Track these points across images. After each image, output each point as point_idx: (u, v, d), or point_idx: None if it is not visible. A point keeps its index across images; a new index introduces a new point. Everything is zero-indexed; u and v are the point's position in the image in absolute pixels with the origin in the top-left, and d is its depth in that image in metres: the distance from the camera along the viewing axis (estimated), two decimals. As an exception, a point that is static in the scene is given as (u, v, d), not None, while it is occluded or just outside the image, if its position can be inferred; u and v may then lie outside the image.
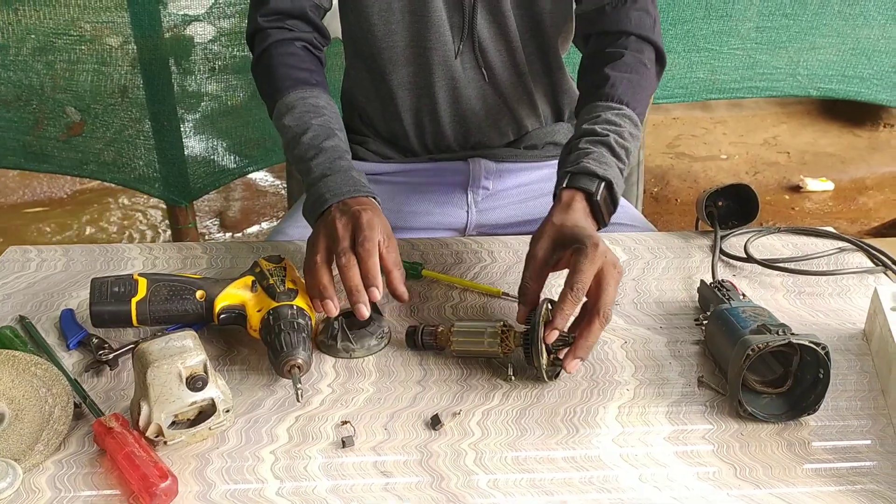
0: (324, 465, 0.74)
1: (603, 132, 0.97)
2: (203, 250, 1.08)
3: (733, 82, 2.23)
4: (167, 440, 0.74)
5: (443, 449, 0.76)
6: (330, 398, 0.82)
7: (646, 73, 1.07)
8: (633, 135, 1.00)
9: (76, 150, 2.02)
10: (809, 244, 1.10)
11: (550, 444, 0.76)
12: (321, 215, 0.93)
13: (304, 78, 1.08)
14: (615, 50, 1.07)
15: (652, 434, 0.78)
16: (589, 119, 1.01)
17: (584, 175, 0.93)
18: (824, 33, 2.17)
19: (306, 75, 1.08)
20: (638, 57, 1.07)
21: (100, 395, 0.82)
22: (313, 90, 1.07)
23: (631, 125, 1.00)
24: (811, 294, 1.00)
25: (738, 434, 0.77)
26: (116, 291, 0.87)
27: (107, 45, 1.88)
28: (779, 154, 3.34)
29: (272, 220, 2.87)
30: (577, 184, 0.92)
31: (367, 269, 0.86)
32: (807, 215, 2.92)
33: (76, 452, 0.75)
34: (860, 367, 0.87)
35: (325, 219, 0.92)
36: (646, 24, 1.09)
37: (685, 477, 0.73)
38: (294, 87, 1.06)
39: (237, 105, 2.04)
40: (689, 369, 0.86)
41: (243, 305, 0.88)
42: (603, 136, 0.97)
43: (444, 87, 1.18)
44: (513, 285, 1.00)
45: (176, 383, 0.73)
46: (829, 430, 0.78)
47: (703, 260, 1.07)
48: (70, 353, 0.89)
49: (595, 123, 0.99)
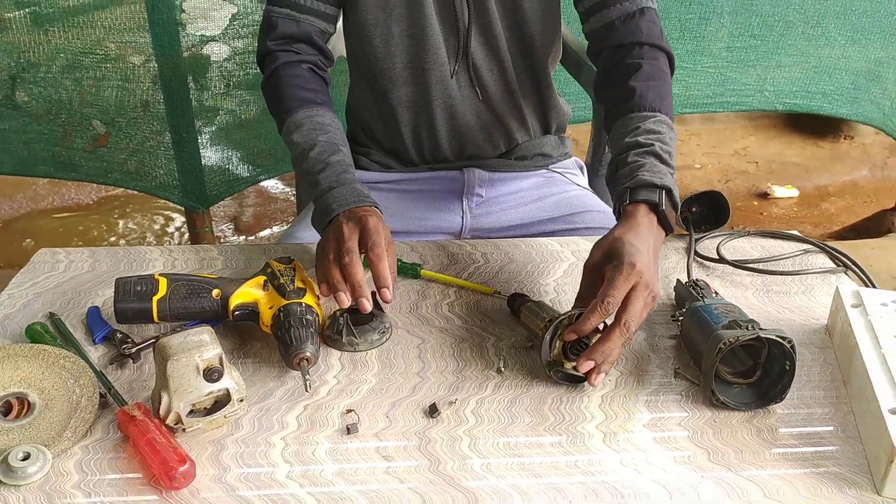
0: (330, 450, 0.74)
1: (647, 142, 0.93)
2: (219, 252, 1.08)
3: (706, 98, 2.23)
4: (185, 427, 0.74)
5: (440, 435, 0.76)
6: (336, 388, 0.82)
7: (666, 78, 1.03)
8: (672, 138, 0.96)
9: (101, 160, 2.02)
10: (776, 246, 1.10)
11: (539, 430, 0.76)
12: (329, 223, 0.94)
13: (310, 98, 1.08)
14: (633, 61, 1.02)
15: (632, 421, 0.77)
16: (628, 132, 0.96)
17: (643, 188, 0.88)
18: (789, 53, 2.18)
19: (312, 95, 1.09)
20: (655, 64, 1.03)
21: (123, 386, 0.82)
22: (319, 109, 1.07)
23: (668, 129, 0.96)
24: (778, 292, 1.00)
25: (712, 421, 0.77)
26: (139, 290, 0.87)
27: (130, 64, 1.88)
28: (748, 164, 3.35)
29: (282, 224, 2.86)
30: (639, 197, 0.88)
31: (377, 272, 0.87)
32: (774, 220, 2.92)
33: (101, 439, 0.75)
34: (823, 360, 0.87)
35: (333, 225, 0.93)
36: (655, 33, 1.05)
37: (663, 461, 0.73)
38: (301, 107, 1.06)
39: (250, 119, 2.04)
40: (667, 362, 0.86)
41: (256, 303, 0.88)
42: (648, 146, 0.92)
43: (440, 104, 1.18)
44: (504, 284, 1.00)
45: (194, 375, 0.73)
46: (794, 417, 0.78)
47: (679, 261, 1.07)
48: (96, 347, 0.88)
49: (637, 135, 0.94)
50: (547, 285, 1.01)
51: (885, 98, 2.34)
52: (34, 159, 2.01)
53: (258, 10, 1.89)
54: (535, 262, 1.06)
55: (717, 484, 0.70)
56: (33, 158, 2.01)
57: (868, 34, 2.17)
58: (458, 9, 1.12)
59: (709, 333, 0.79)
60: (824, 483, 0.70)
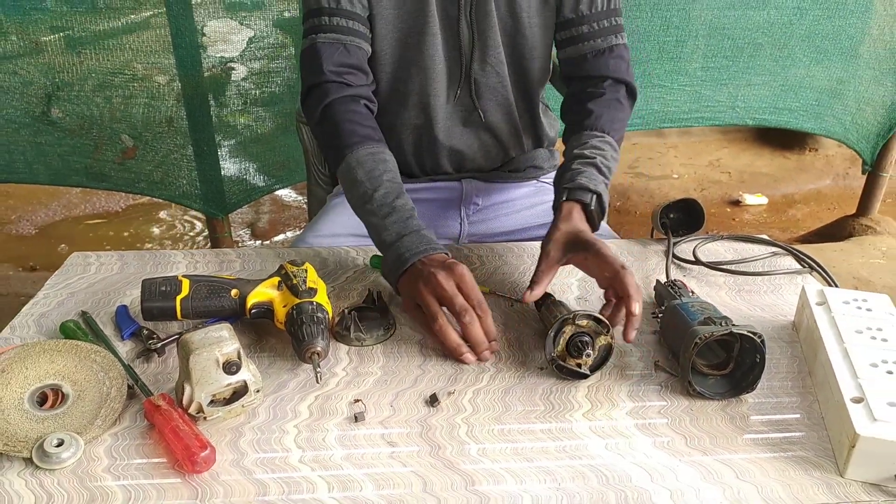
0: (339, 437, 0.74)
1: (591, 155, 1.01)
2: (237, 255, 1.08)
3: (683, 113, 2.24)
4: (206, 416, 0.73)
5: (440, 423, 0.75)
6: (344, 380, 0.82)
7: (621, 108, 1.10)
8: (614, 157, 1.04)
9: (129, 171, 2.02)
10: (747, 249, 1.10)
11: (531, 418, 0.76)
12: (404, 273, 0.88)
13: (368, 134, 1.00)
14: (596, 90, 1.10)
15: (616, 409, 0.77)
16: (578, 145, 1.04)
17: (579, 189, 0.97)
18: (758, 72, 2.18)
19: (370, 132, 1.01)
20: (615, 95, 1.10)
21: (149, 378, 0.81)
22: (379, 146, 0.99)
23: (611, 149, 1.04)
24: (749, 291, 1.00)
25: (689, 409, 0.77)
26: (164, 290, 0.87)
27: (156, 83, 1.88)
28: (721, 174, 3.35)
29: (295, 229, 2.86)
30: (574, 197, 0.97)
31: (487, 327, 0.84)
32: (745, 225, 2.93)
33: (129, 427, 0.75)
34: (790, 353, 0.87)
35: (422, 276, 0.85)
36: (621, 69, 1.11)
37: (644, 446, 0.72)
38: (362, 143, 0.98)
39: (265, 133, 2.04)
40: (647, 355, 0.86)
41: (271, 302, 0.87)
42: (591, 158, 1.01)
43: (443, 126, 1.16)
44: (498, 284, 1.00)
45: (214, 368, 0.73)
46: (764, 405, 0.78)
47: (659, 263, 1.07)
48: (124, 343, 0.88)
49: (584, 149, 1.03)
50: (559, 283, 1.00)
51: (846, 114, 2.34)
52: (68, 170, 2.02)
53: (273, 33, 1.89)
54: (527, 264, 1.06)
55: (694, 467, 0.70)
56: (67, 170, 2.01)
57: (830, 56, 2.18)
58: (462, 39, 1.10)
59: (686, 329, 0.79)
60: (792, 466, 0.70)
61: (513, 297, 0.97)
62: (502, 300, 0.97)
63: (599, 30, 1.10)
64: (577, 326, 0.81)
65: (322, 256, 1.07)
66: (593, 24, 1.10)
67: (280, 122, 2.04)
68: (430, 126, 1.16)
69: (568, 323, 0.81)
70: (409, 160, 1.22)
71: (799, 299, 0.92)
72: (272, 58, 1.92)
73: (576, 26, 1.11)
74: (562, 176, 1.01)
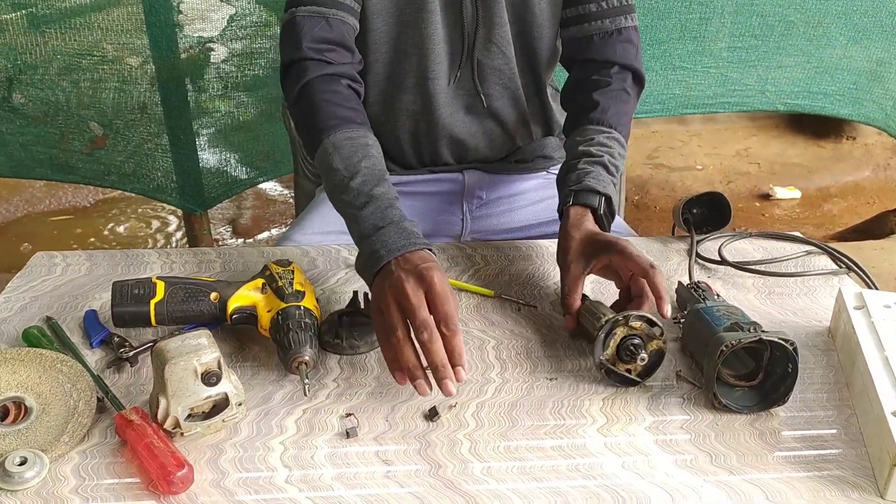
0: (329, 455, 0.74)
1: (598, 153, 1.02)
2: (217, 255, 1.08)
3: (707, 98, 2.23)
4: (184, 432, 0.74)
5: (440, 439, 0.75)
6: (335, 392, 0.82)
7: (628, 99, 1.10)
8: (621, 154, 1.05)
9: (99, 163, 2.02)
10: (778, 248, 1.10)
11: (540, 433, 0.76)
12: (379, 272, 0.84)
13: (349, 116, 0.98)
14: (601, 78, 1.10)
15: (634, 424, 0.77)
16: (583, 141, 1.04)
17: (587, 192, 0.98)
18: (790, 53, 2.18)
19: (351, 114, 0.99)
20: (622, 85, 1.10)
21: (121, 390, 0.82)
22: (359, 129, 0.98)
23: (619, 147, 1.05)
24: (780, 294, 1.00)
25: (714, 424, 0.77)
26: (136, 293, 0.87)
27: (127, 65, 1.88)
28: (750, 164, 3.35)
29: (281, 226, 2.86)
30: (582, 200, 0.98)
31: (452, 348, 0.77)
32: (776, 221, 2.92)
33: (99, 443, 0.75)
34: (826, 362, 0.87)
35: (390, 279, 0.81)
36: (629, 54, 1.11)
37: (665, 464, 0.73)
38: (340, 127, 0.97)
39: (248, 120, 2.04)
40: (668, 364, 0.86)
41: (254, 306, 0.88)
42: (598, 157, 1.01)
43: (443, 112, 1.16)
44: (504, 287, 1.00)
45: (192, 379, 0.73)
46: (797, 420, 0.78)
47: (681, 263, 1.07)
48: (93, 351, 0.88)
49: (590, 146, 1.03)
50: (547, 288, 1.01)
51: (887, 98, 2.34)
52: (31, 161, 2.01)
53: (256, 11, 1.89)
54: (536, 264, 1.06)
55: (720, 487, 0.70)
56: (30, 161, 2.01)
57: (870, 34, 2.17)
58: (465, 16, 1.10)
59: (711, 336, 0.79)
60: (827, 487, 0.70)
61: (520, 300, 0.97)
62: (509, 305, 0.97)
63: (608, 9, 1.10)
64: (630, 329, 0.81)
65: (311, 256, 1.08)
66: (602, 3, 1.10)
67: (264, 108, 2.03)
68: (428, 112, 1.16)
69: (620, 325, 0.81)
70: (406, 150, 1.22)
71: (835, 303, 0.92)
72: (255, 37, 1.92)
73: (583, 3, 1.11)
74: (566, 176, 1.02)
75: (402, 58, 1.12)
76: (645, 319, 0.81)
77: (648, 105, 2.20)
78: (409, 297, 0.78)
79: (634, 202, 3.02)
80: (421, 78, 1.13)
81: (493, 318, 0.95)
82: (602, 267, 0.92)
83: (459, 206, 1.26)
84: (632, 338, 0.81)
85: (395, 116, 1.18)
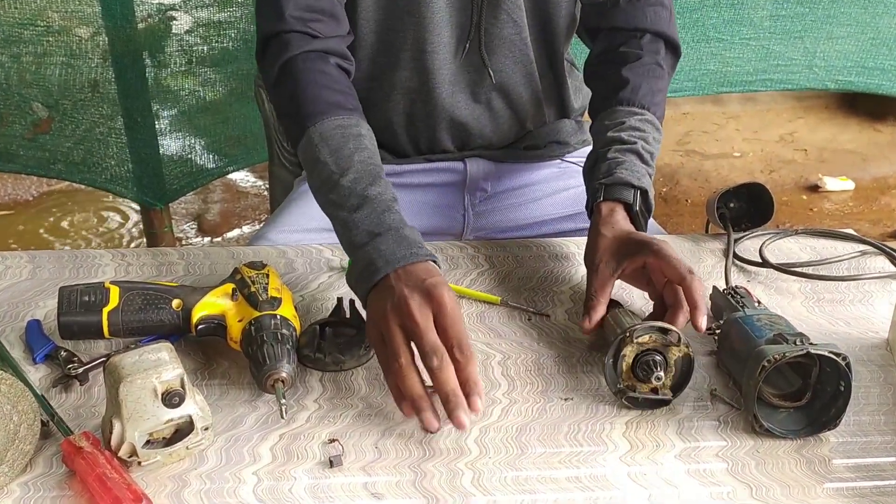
0: (310, 487, 0.74)
1: (630, 139, 1.01)
2: (179, 256, 1.08)
3: (746, 75, 2.24)
4: (141, 460, 0.74)
5: (437, 468, 0.76)
6: (316, 414, 0.82)
7: (662, 74, 1.10)
8: (657, 139, 1.04)
9: (43, 149, 2.02)
10: (829, 247, 1.10)
11: (553, 462, 0.76)
12: (375, 286, 0.84)
13: (338, 101, 0.98)
14: (631, 50, 1.10)
15: (662, 451, 0.78)
16: (613, 125, 1.04)
17: (620, 185, 0.97)
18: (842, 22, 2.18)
19: (341, 98, 0.98)
20: (655, 58, 1.09)
21: (69, 413, 0.82)
22: (351, 116, 0.97)
23: (654, 130, 1.04)
24: (831, 301, 1.00)
25: (754, 451, 0.77)
26: (86, 301, 0.87)
27: (76, 37, 1.88)
28: (795, 151, 3.35)
29: (254, 223, 2.86)
30: (614, 195, 0.97)
31: (466, 377, 0.77)
32: (825, 216, 2.93)
33: (43, 474, 0.75)
34: (884, 379, 0.87)
35: (391, 297, 0.81)
36: (662, 19, 1.11)
37: (698, 497, 0.73)
38: (328, 113, 0.96)
39: (216, 100, 2.05)
40: (701, 382, 0.86)
41: (223, 315, 0.88)
42: (631, 143, 1.01)
43: (443, 90, 1.16)
44: (513, 293, 1.00)
45: (150, 399, 0.73)
46: (850, 446, 0.78)
47: (716, 265, 1.07)
48: (37, 368, 0.88)
49: (620, 130, 1.03)
50: (562, 294, 1.01)
51: (954, 75, 2.34)
52: (-37, 148, 2.02)
53: (225, -26, 1.89)
54: (549, 266, 1.06)
55: (761, 524, 0.70)
56: (-38, 147, 2.02)
57: (935, 0, 2.18)
58: None
59: (751, 349, 0.79)
60: (885, 523, 0.70)
61: (530, 308, 0.97)
62: (517, 313, 0.97)
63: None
64: (639, 345, 0.81)
65: (288, 257, 1.08)
66: None
67: (234, 86, 2.04)
68: (427, 90, 1.16)
69: (626, 343, 0.81)
70: (400, 134, 1.22)
71: (894, 311, 0.92)
72: (224, 4, 1.92)
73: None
74: (595, 167, 1.01)
75: (396, 27, 1.12)
76: (655, 329, 0.81)
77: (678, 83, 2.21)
78: (414, 318, 0.79)
79: (662, 194, 3.02)
80: (418, 51, 1.13)
81: (498, 328, 0.95)
82: (634, 270, 0.92)
83: (461, 199, 1.26)
84: (646, 354, 0.81)
85: (388, 96, 1.18)
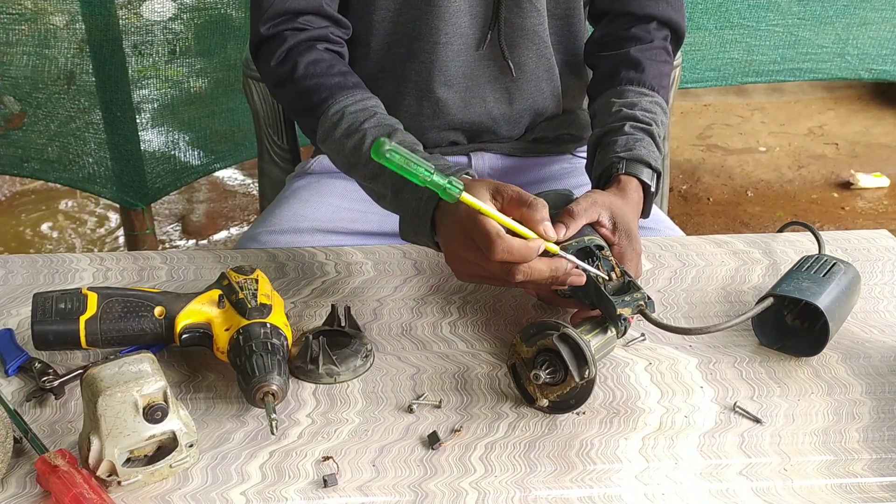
0: (303, 508, 0.74)
1: (645, 120, 1.03)
2: (162, 260, 1.08)
3: (773, 64, 2.24)
4: (121, 480, 0.74)
5: (440, 488, 0.76)
6: (309, 430, 0.82)
7: (668, 59, 1.14)
8: (664, 123, 1.06)
9: (15, 146, 2.02)
10: (861, 249, 1.10)
11: (564, 481, 0.76)
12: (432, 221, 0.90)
13: (338, 83, 1.05)
14: (639, 33, 1.13)
15: (681, 470, 0.78)
16: (624, 104, 1.06)
17: (639, 163, 0.99)
18: (877, 6, 2.18)
19: (340, 79, 1.05)
20: (663, 44, 1.13)
21: (43, 429, 0.82)
22: (354, 93, 1.04)
23: (662, 114, 1.07)
24: (863, 308, 1.00)
25: (782, 469, 0.78)
26: (62, 308, 0.87)
27: (50, 25, 1.89)
28: (826, 146, 3.35)
29: (242, 224, 2.87)
30: (635, 171, 0.98)
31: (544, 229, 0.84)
32: (858, 216, 2.93)
33: (16, 495, 0.75)
34: (921, 391, 0.87)
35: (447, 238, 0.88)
36: (673, 7, 1.15)
37: (720, 519, 0.73)
38: (333, 97, 1.03)
39: (201, 92, 2.05)
40: (724, 394, 0.86)
41: (209, 324, 0.88)
42: (646, 124, 1.03)
43: (455, 83, 1.17)
44: (521, 295, 1.00)
45: (131, 414, 0.73)
46: (884, 463, 0.78)
47: (740, 268, 1.07)
48: (9, 380, 0.88)
49: (634, 109, 1.05)
50: (573, 300, 1.01)
51: None
52: (-70, 145, 2.02)
53: (210, -44, 1.90)
54: (559, 270, 1.06)
55: (789, 548, 0.70)
56: (-72, 144, 2.02)
57: (976, -18, 2.18)
58: None
59: None
60: (923, 546, 0.70)
61: (540, 315, 0.98)
62: (524, 320, 0.97)
63: None
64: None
65: (279, 261, 1.08)
66: None
67: (221, 76, 2.04)
68: (440, 83, 1.17)
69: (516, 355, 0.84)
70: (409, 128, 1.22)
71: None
72: None
73: None
74: (608, 139, 1.03)
75: (411, 17, 1.14)
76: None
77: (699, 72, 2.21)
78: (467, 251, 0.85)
79: (682, 192, 3.02)
80: (431, 43, 1.14)
81: (506, 338, 0.95)
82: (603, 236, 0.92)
83: (465, 197, 1.26)
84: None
85: (398, 89, 1.19)
